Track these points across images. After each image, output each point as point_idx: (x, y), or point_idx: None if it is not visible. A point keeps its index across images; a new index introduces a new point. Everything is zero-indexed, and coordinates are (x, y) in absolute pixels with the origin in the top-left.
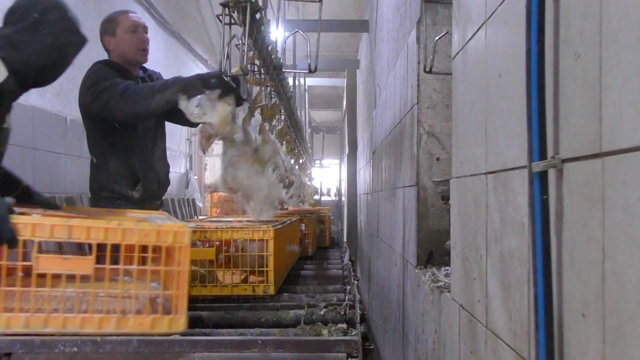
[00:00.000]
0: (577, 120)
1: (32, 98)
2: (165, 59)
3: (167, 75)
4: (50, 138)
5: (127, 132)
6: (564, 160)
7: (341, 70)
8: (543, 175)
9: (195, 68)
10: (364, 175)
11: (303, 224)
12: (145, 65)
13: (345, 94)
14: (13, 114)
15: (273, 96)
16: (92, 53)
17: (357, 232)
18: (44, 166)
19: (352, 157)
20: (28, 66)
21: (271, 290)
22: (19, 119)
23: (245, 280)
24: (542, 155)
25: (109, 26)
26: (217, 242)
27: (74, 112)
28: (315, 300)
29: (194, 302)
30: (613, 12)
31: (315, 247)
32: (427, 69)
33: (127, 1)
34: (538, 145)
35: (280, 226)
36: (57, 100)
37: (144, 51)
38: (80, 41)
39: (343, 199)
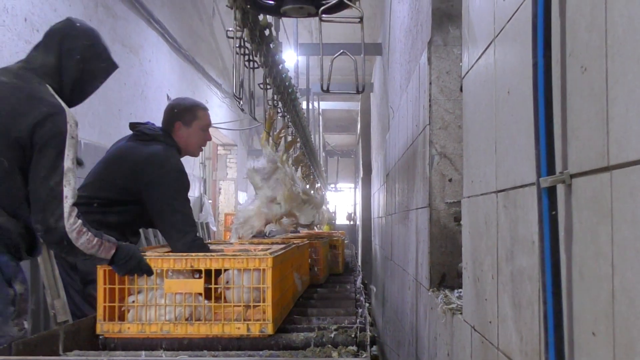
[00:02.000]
0: (585, 134)
1: None
2: (180, 83)
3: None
4: None
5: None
6: (572, 175)
7: (352, 94)
8: (551, 191)
9: (208, 92)
10: (378, 199)
11: (313, 249)
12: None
13: (359, 117)
14: None
15: (290, 126)
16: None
17: (371, 256)
18: None
19: (366, 180)
20: (64, 91)
21: (269, 330)
22: None
23: (239, 317)
24: (550, 171)
25: (186, 115)
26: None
27: (87, 136)
28: (326, 323)
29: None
30: (618, 23)
31: (326, 273)
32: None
33: (141, 26)
34: (546, 160)
35: (280, 253)
36: None
37: (202, 149)
38: (110, 68)
39: (357, 222)
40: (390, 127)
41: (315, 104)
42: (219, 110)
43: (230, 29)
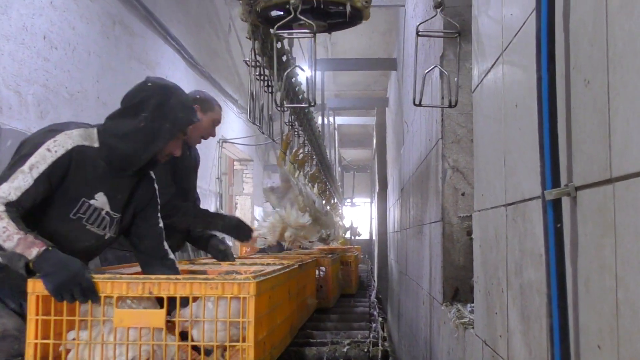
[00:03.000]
0: (588, 146)
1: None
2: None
3: None
4: None
5: None
6: (577, 188)
7: (371, 109)
8: (556, 203)
9: (225, 107)
10: (393, 213)
11: (322, 268)
12: None
13: (374, 132)
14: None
15: (306, 144)
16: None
17: (387, 271)
18: None
19: (382, 195)
20: (116, 151)
21: None
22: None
23: None
24: (555, 183)
25: (206, 103)
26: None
27: None
28: (339, 338)
29: None
30: (618, 35)
31: (337, 294)
32: (417, 102)
33: (158, 43)
34: (550, 172)
35: (269, 276)
36: None
37: (201, 140)
38: (172, 129)
39: (374, 237)
40: (405, 142)
41: (331, 119)
42: (235, 126)
43: (247, 59)
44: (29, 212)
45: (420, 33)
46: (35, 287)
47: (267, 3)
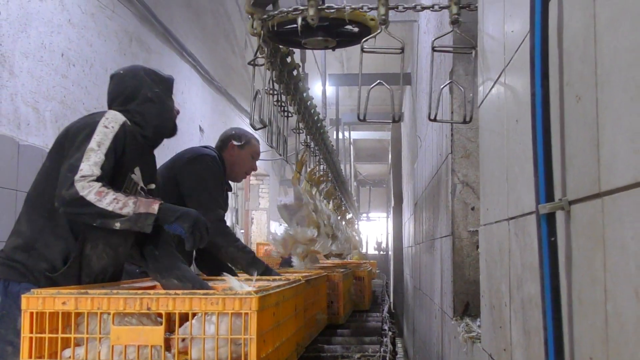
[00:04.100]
0: (580, 161)
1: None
2: (212, 114)
3: (213, 132)
4: None
5: None
6: (570, 202)
7: (386, 123)
8: (550, 217)
9: (240, 122)
10: (408, 228)
11: (334, 282)
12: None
13: (390, 147)
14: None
15: (321, 162)
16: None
17: (403, 286)
18: None
19: (397, 210)
20: (149, 123)
21: None
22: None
23: None
24: (549, 198)
25: (242, 138)
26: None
27: None
28: (349, 352)
29: None
30: (606, 53)
31: (349, 310)
32: (432, 117)
33: (174, 59)
34: (544, 187)
35: (273, 292)
36: None
37: (247, 176)
38: (164, 89)
39: (389, 252)
40: (418, 156)
41: (347, 133)
42: None
43: (260, 89)
44: None
45: (435, 48)
46: (30, 304)
47: (282, 18)
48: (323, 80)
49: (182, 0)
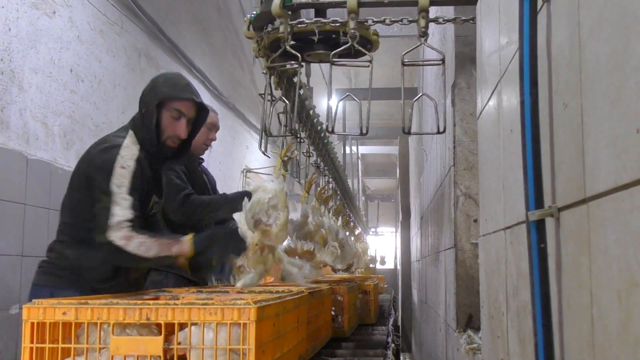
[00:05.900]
0: (567, 168)
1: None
2: (220, 129)
3: (222, 146)
4: None
5: None
6: (560, 209)
7: (394, 138)
8: (540, 224)
9: (248, 137)
10: (415, 242)
11: (339, 295)
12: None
13: (398, 161)
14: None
15: (330, 181)
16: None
17: (411, 301)
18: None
19: (405, 224)
20: (146, 142)
21: None
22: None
23: None
24: (539, 205)
25: None
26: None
27: None
28: None
29: None
30: (589, 60)
31: (354, 324)
32: (406, 131)
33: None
34: (534, 194)
35: (272, 302)
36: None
37: (206, 147)
38: (153, 99)
39: (398, 267)
40: (424, 170)
41: (354, 148)
42: (259, 155)
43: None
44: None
45: (405, 63)
46: (30, 315)
47: (275, 34)
48: (329, 92)
49: (190, 17)
